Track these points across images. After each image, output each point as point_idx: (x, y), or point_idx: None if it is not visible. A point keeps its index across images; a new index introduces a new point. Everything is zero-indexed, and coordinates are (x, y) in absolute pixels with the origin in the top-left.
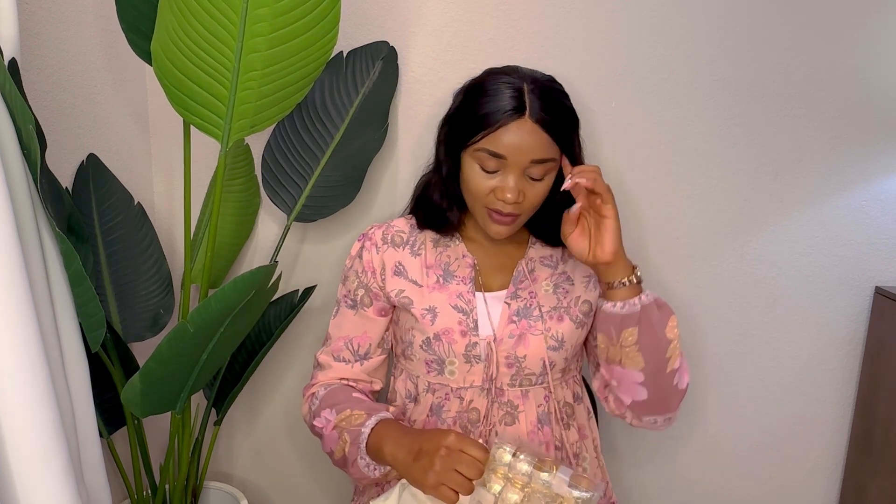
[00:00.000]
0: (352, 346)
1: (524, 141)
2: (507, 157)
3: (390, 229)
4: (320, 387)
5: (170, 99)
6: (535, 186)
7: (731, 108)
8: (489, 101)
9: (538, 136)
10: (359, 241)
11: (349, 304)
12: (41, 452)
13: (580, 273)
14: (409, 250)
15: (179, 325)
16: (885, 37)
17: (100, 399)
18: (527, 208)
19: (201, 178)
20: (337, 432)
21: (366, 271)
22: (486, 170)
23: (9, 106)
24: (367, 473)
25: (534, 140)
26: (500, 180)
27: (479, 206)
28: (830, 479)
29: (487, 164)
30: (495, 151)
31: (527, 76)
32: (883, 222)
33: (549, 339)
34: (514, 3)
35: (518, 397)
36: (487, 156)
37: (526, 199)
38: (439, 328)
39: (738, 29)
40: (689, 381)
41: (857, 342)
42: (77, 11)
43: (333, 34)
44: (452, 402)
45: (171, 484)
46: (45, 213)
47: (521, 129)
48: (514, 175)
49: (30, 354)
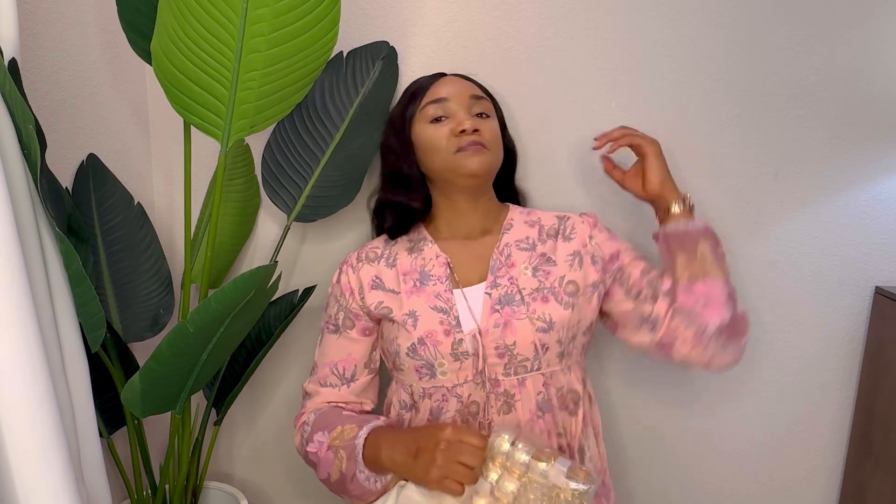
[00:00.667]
0: (337, 370)
1: (456, 83)
2: (449, 97)
3: (364, 249)
4: (310, 413)
5: (170, 99)
6: (485, 123)
7: (731, 108)
8: (414, 83)
9: (466, 82)
10: (338, 269)
11: (331, 330)
12: (41, 452)
13: (562, 252)
14: (384, 263)
15: (179, 325)
16: (885, 37)
17: (100, 399)
18: (488, 139)
19: (201, 178)
20: (332, 452)
21: (343, 294)
22: (436, 119)
23: (9, 106)
24: (369, 487)
25: (463, 83)
26: (452, 121)
27: (447, 157)
28: (830, 479)
29: (436, 112)
30: (437, 97)
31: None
32: (883, 222)
33: (535, 321)
34: (514, 3)
35: (514, 386)
36: (432, 105)
37: (482, 131)
38: (422, 332)
39: (739, 29)
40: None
41: (857, 342)
42: (77, 11)
43: (333, 34)
44: (451, 401)
45: (171, 484)
46: (45, 213)
47: (448, 80)
48: (462, 109)
49: (30, 354)
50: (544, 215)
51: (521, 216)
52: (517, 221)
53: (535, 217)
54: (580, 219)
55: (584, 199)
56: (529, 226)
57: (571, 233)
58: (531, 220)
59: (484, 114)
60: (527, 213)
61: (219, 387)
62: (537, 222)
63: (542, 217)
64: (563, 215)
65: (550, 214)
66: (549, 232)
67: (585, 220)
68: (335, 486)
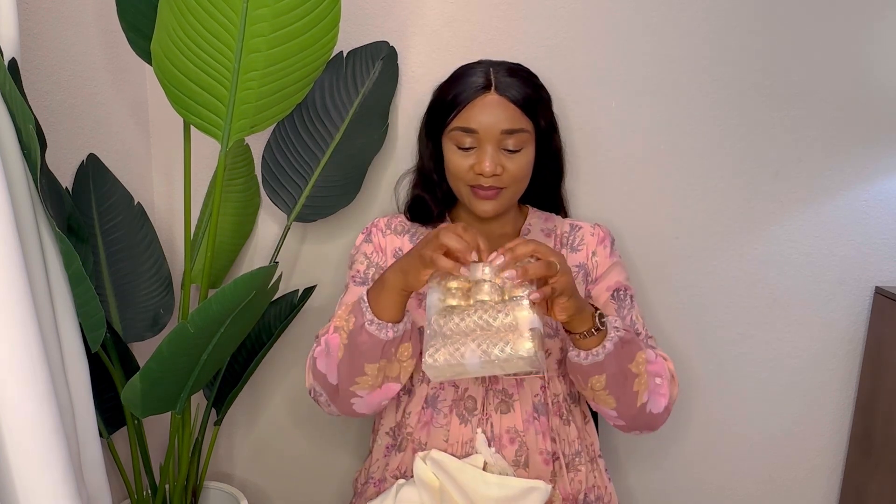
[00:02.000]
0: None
1: (492, 113)
2: (479, 131)
3: (393, 220)
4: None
5: (170, 99)
6: (513, 159)
7: (730, 108)
8: (458, 85)
9: (506, 108)
10: (363, 232)
11: (359, 282)
12: (41, 452)
13: (571, 263)
14: (408, 238)
15: (179, 326)
16: (885, 37)
17: (100, 399)
18: (508, 181)
19: (201, 178)
20: (336, 333)
21: (375, 251)
22: (462, 147)
23: (9, 106)
24: (381, 336)
25: (502, 112)
26: (477, 156)
27: (463, 186)
28: (830, 479)
29: (463, 142)
30: (466, 127)
31: (494, 62)
32: (883, 222)
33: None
34: (514, 3)
35: (512, 385)
36: (461, 133)
37: (506, 171)
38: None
39: (739, 29)
40: (671, 398)
41: (857, 342)
42: (77, 11)
43: (333, 34)
44: (448, 390)
45: (171, 484)
46: (45, 213)
47: (488, 102)
48: (489, 148)
49: (30, 354)
50: (560, 223)
51: (539, 222)
52: (535, 228)
53: (552, 224)
54: (591, 230)
55: (584, 198)
56: (546, 234)
57: (580, 244)
58: (548, 227)
59: (514, 149)
60: (544, 219)
61: (219, 387)
62: (553, 231)
63: (559, 225)
64: (576, 224)
65: (566, 222)
66: (562, 241)
67: (596, 234)
68: (345, 364)
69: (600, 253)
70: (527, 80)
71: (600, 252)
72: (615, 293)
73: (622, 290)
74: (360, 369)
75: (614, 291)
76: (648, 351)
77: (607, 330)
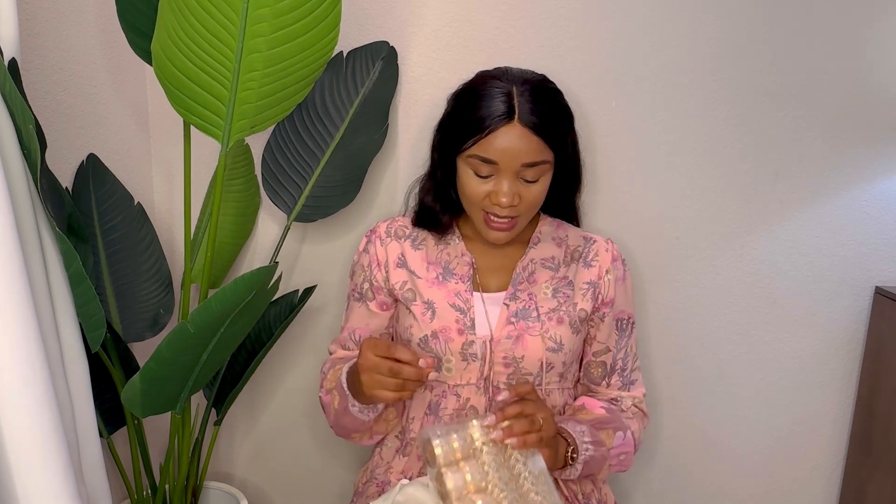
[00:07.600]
0: (354, 336)
1: (514, 145)
2: (499, 163)
3: (394, 223)
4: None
5: (170, 99)
6: (530, 188)
7: (731, 108)
8: (479, 107)
9: (528, 140)
10: (366, 237)
11: (356, 298)
12: (41, 452)
13: (581, 279)
14: (409, 243)
15: (179, 326)
16: (885, 37)
17: (100, 399)
18: (524, 210)
19: (201, 178)
20: (329, 396)
21: (371, 264)
22: (479, 175)
23: (9, 106)
24: (362, 418)
25: (524, 144)
26: (494, 185)
27: (476, 211)
28: (830, 479)
29: (481, 170)
30: (487, 157)
31: (517, 78)
32: (883, 222)
33: (547, 339)
34: (514, 3)
35: (514, 396)
36: (480, 162)
37: (522, 200)
38: (437, 326)
39: (739, 29)
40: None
41: (857, 342)
42: (77, 11)
43: (334, 34)
44: (449, 399)
45: (171, 484)
46: (45, 213)
47: (510, 133)
48: (507, 179)
49: (30, 354)
50: (572, 232)
51: (550, 230)
52: (545, 236)
53: (564, 233)
54: (605, 245)
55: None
56: (556, 244)
57: (593, 259)
58: (559, 236)
59: (533, 180)
60: (555, 227)
61: (219, 387)
62: (564, 240)
63: (570, 234)
64: (590, 237)
65: (578, 233)
66: (574, 254)
67: (610, 250)
68: (338, 427)
69: (613, 272)
70: (552, 104)
71: (613, 272)
72: (619, 322)
73: (626, 319)
74: (351, 434)
75: (618, 321)
76: (618, 435)
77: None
